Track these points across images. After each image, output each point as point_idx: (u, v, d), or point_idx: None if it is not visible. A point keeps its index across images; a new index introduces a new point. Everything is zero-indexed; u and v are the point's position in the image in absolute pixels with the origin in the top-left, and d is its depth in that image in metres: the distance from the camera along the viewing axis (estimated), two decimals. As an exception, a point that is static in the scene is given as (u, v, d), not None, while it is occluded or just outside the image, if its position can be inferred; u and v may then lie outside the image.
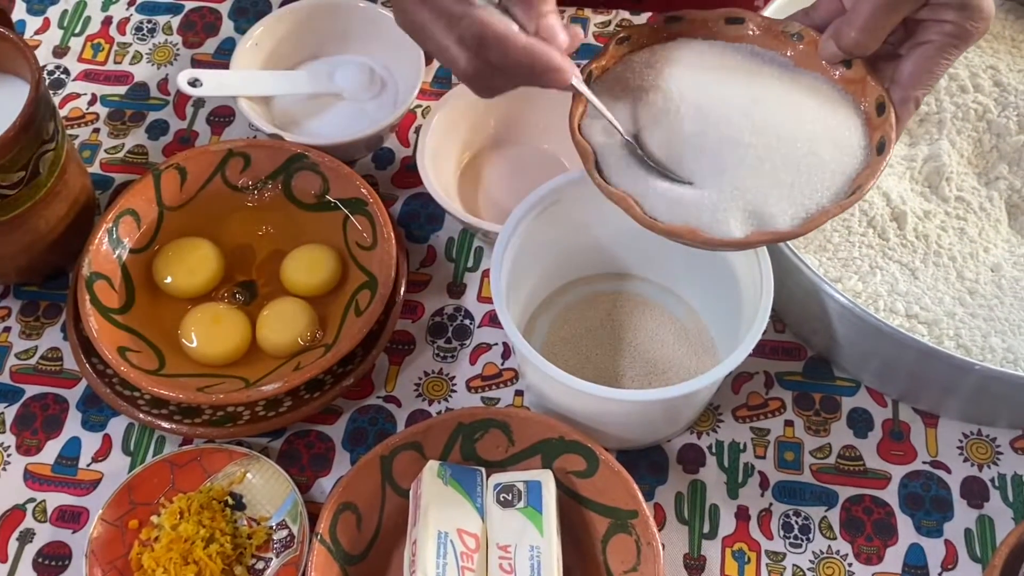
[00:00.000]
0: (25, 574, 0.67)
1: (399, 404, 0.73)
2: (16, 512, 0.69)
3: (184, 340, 0.72)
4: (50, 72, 0.89)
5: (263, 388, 0.67)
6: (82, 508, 0.69)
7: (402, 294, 0.73)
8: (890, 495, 0.68)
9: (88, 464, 0.71)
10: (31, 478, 0.70)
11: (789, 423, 0.71)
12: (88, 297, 0.70)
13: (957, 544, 0.66)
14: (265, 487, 0.68)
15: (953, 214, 0.72)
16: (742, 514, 0.68)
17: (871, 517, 0.67)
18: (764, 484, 0.69)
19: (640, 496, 0.63)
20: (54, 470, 0.70)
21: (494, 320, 0.76)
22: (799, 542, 0.67)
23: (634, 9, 0.91)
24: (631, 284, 0.75)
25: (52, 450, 0.71)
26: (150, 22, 0.93)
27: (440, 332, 0.75)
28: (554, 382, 0.61)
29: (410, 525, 0.63)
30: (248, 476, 0.68)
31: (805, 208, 0.58)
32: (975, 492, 0.68)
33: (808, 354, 0.74)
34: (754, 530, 0.67)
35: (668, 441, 0.71)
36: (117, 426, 0.72)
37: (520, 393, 0.73)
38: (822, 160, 0.58)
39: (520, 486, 0.63)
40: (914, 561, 0.66)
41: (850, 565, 0.66)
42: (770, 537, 0.67)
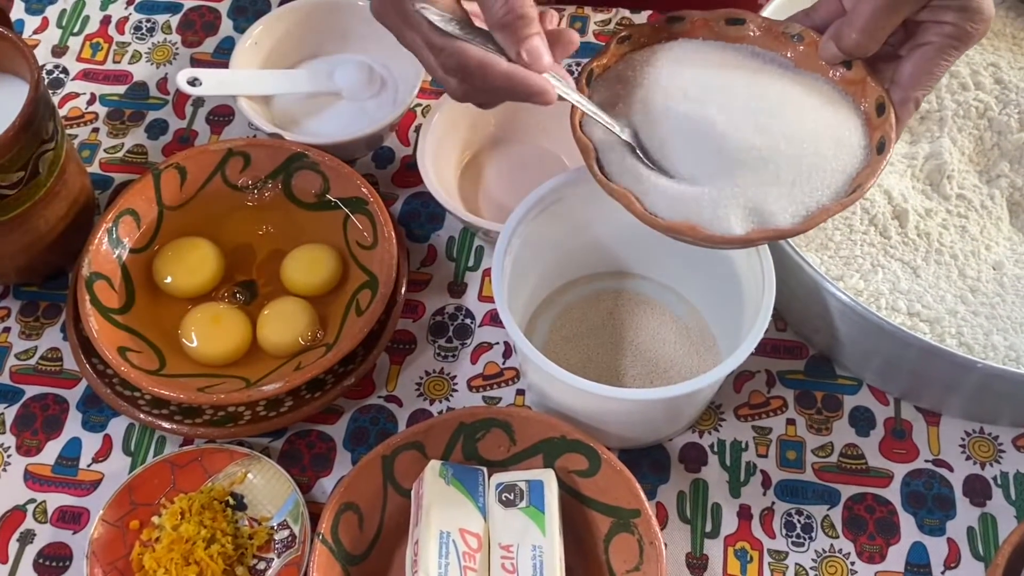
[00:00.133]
0: (26, 575, 0.66)
1: (400, 404, 0.72)
2: (16, 513, 0.69)
3: (184, 340, 0.72)
4: (49, 72, 0.89)
5: (264, 388, 0.67)
6: (83, 509, 0.69)
7: (403, 293, 0.73)
8: (892, 494, 0.68)
9: (88, 464, 0.70)
10: (31, 479, 0.70)
11: (791, 422, 0.71)
12: (88, 297, 0.70)
13: (960, 542, 0.66)
14: (266, 487, 0.68)
15: (955, 212, 0.72)
16: (744, 513, 0.68)
17: (873, 516, 0.67)
18: (766, 483, 0.69)
19: (642, 495, 0.62)
20: (54, 471, 0.70)
21: (495, 319, 0.75)
22: (801, 541, 0.67)
23: (634, 7, 0.91)
24: (632, 283, 0.75)
25: (52, 451, 0.71)
26: (149, 21, 0.92)
27: (441, 331, 0.75)
28: (556, 381, 0.61)
29: (412, 525, 0.62)
30: (249, 476, 0.68)
31: (806, 206, 0.58)
32: (977, 490, 0.68)
33: (810, 353, 0.74)
34: (756, 529, 0.67)
35: (670, 440, 0.70)
36: (117, 426, 0.72)
37: (521, 392, 0.73)
38: (823, 159, 0.59)
39: (522, 486, 0.63)
40: (917, 560, 0.66)
41: (852, 564, 0.66)
42: (772, 536, 0.67)
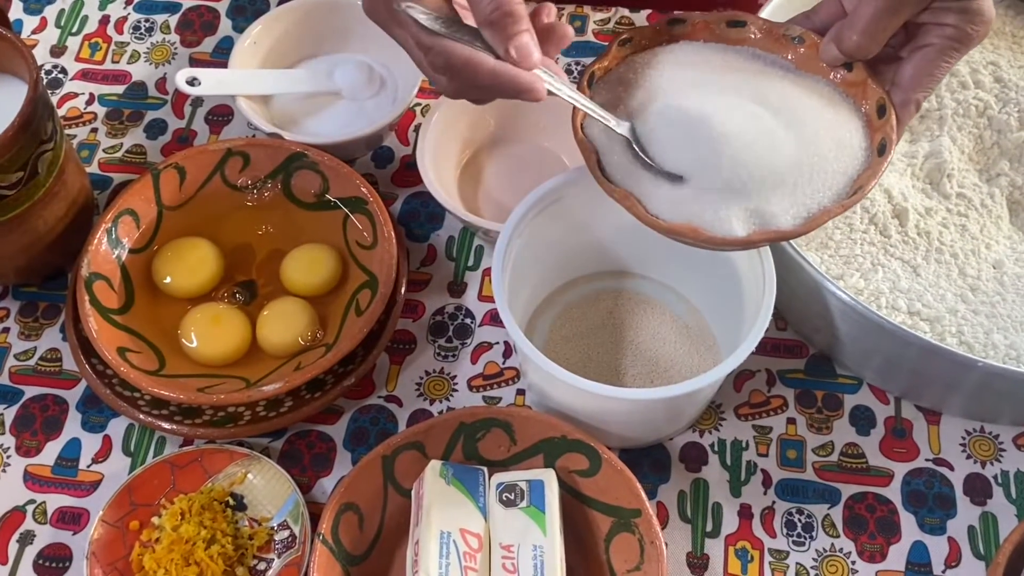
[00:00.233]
0: (26, 576, 0.67)
1: (400, 404, 0.72)
2: (16, 514, 0.69)
3: (184, 340, 0.72)
4: (48, 71, 0.89)
5: (264, 388, 0.67)
6: (82, 509, 0.69)
7: (403, 293, 0.73)
8: (893, 493, 0.68)
9: (88, 465, 0.70)
10: (31, 479, 0.70)
11: (791, 421, 0.71)
12: (87, 297, 0.70)
13: (960, 541, 0.66)
14: (266, 488, 0.68)
15: (954, 211, 0.72)
16: (745, 512, 0.68)
17: (874, 515, 0.67)
18: (767, 482, 0.69)
19: (643, 495, 0.62)
20: (54, 471, 0.70)
21: (495, 319, 0.75)
22: (802, 540, 0.67)
23: (633, 7, 0.91)
24: (633, 282, 0.75)
25: (52, 451, 0.71)
26: (148, 21, 0.92)
27: (441, 331, 0.75)
28: (556, 381, 0.61)
29: (412, 525, 0.62)
30: (249, 477, 0.68)
31: (807, 208, 0.58)
32: (978, 489, 0.68)
33: (810, 352, 0.74)
34: (757, 528, 0.67)
35: (670, 439, 0.70)
36: (117, 427, 0.72)
37: (522, 392, 0.73)
38: (824, 160, 0.59)
39: (523, 485, 0.62)
40: (917, 559, 0.66)
41: (853, 563, 0.66)
42: (773, 535, 0.67)
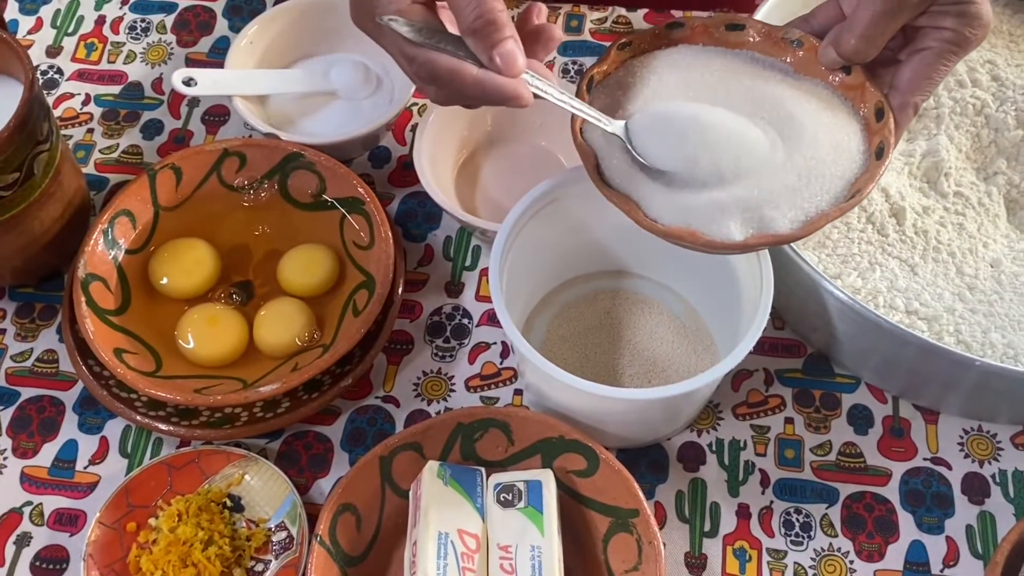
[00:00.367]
0: (22, 578, 0.66)
1: (398, 404, 0.72)
2: (13, 515, 0.68)
3: (181, 341, 0.72)
4: (43, 72, 0.89)
5: (261, 389, 0.67)
6: (79, 511, 0.68)
7: (400, 293, 0.73)
8: (891, 492, 0.68)
9: (85, 467, 0.70)
10: (28, 481, 0.70)
11: (789, 420, 0.71)
12: (84, 299, 0.70)
13: (959, 541, 0.66)
14: (264, 489, 0.67)
15: (952, 209, 0.72)
16: (743, 512, 0.68)
17: (872, 514, 0.67)
18: (765, 482, 0.69)
19: (641, 495, 0.62)
20: (51, 473, 0.70)
21: (493, 319, 0.75)
22: (800, 540, 0.67)
23: (631, 6, 0.91)
24: (630, 282, 0.75)
25: (49, 453, 0.71)
26: (144, 21, 0.92)
27: (438, 331, 0.75)
28: (553, 381, 0.61)
29: (410, 526, 0.62)
30: (246, 478, 0.68)
31: (804, 211, 0.58)
32: (976, 488, 0.68)
33: (808, 351, 0.74)
34: (755, 528, 0.67)
35: (668, 439, 0.70)
36: (114, 428, 0.72)
37: (519, 392, 0.73)
38: (822, 164, 0.59)
39: (520, 486, 0.62)
40: (915, 558, 0.66)
41: (851, 562, 0.66)
42: (771, 535, 0.67)
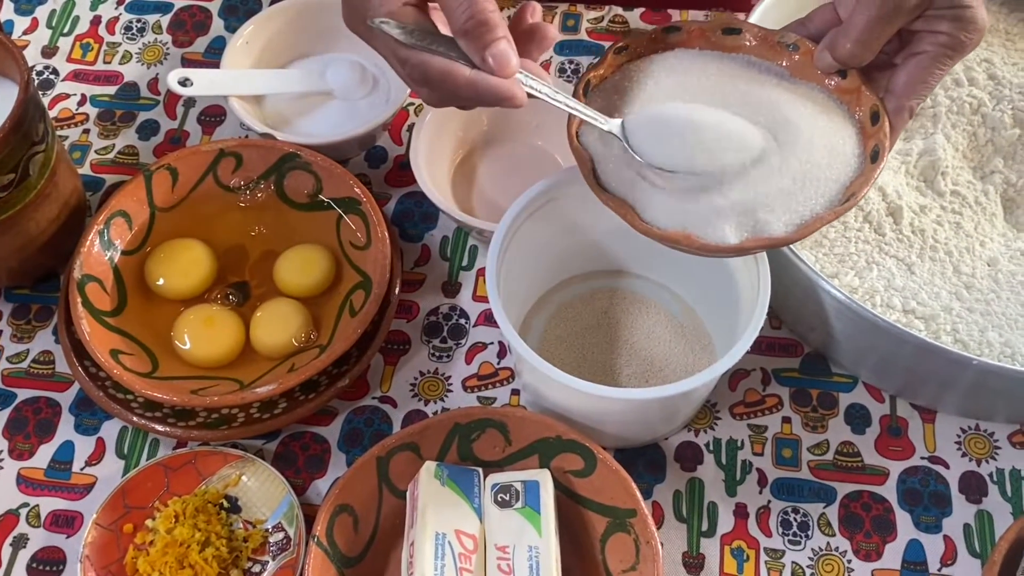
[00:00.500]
0: (19, 580, 0.66)
1: (395, 405, 0.72)
2: (9, 517, 0.68)
3: (177, 342, 0.72)
4: (39, 72, 0.89)
5: (257, 390, 0.66)
6: (76, 512, 0.68)
7: (396, 294, 0.73)
8: (888, 491, 0.68)
9: (82, 468, 0.70)
10: (24, 483, 0.70)
11: (787, 420, 0.71)
12: (80, 300, 0.69)
13: (956, 539, 0.66)
14: (261, 490, 0.67)
15: (949, 208, 0.72)
16: (740, 512, 0.68)
17: (870, 513, 0.67)
18: (762, 481, 0.69)
19: (638, 495, 0.62)
20: (47, 474, 0.70)
21: (490, 319, 0.75)
22: (798, 539, 0.67)
23: (627, 5, 0.91)
24: (627, 281, 0.75)
25: (45, 454, 0.71)
26: (139, 21, 0.92)
27: (435, 332, 0.75)
28: (551, 381, 0.61)
29: (407, 526, 0.62)
30: (243, 479, 0.68)
31: (800, 215, 0.58)
32: (973, 487, 0.68)
33: (805, 350, 0.74)
34: (753, 528, 0.67)
35: (666, 439, 0.70)
36: (110, 429, 0.71)
37: (516, 392, 0.72)
38: (817, 168, 0.59)
39: (518, 486, 0.62)
40: (913, 557, 0.66)
41: (849, 562, 0.66)
42: (769, 534, 0.67)
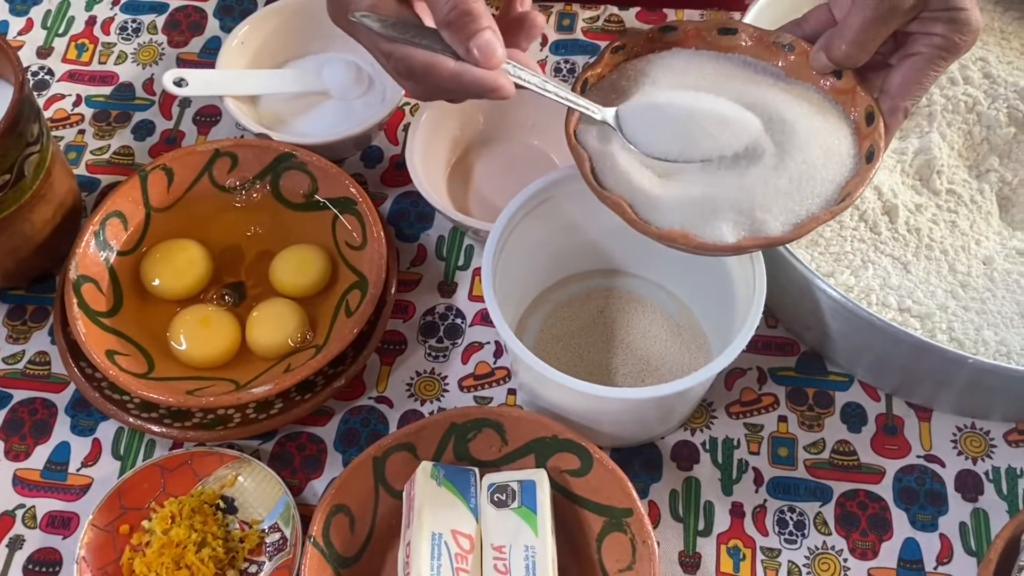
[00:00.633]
0: (15, 581, 0.66)
1: (391, 405, 0.72)
2: (5, 518, 0.68)
3: (173, 343, 0.71)
4: (34, 73, 0.88)
5: (253, 390, 0.66)
6: (72, 513, 0.68)
7: (393, 293, 0.73)
8: (884, 490, 0.68)
9: (78, 469, 0.70)
10: (20, 484, 0.69)
11: (783, 419, 0.71)
12: (75, 300, 0.69)
13: (952, 538, 0.66)
14: (257, 490, 0.67)
15: (944, 207, 0.72)
16: (737, 511, 0.68)
17: (866, 512, 0.67)
18: (758, 480, 0.69)
19: (634, 494, 0.62)
20: (43, 475, 0.70)
21: (486, 319, 0.75)
22: (794, 538, 0.67)
23: (623, 5, 0.91)
24: (623, 281, 0.75)
25: (41, 455, 0.70)
26: (134, 22, 0.92)
27: (431, 331, 0.75)
28: (547, 380, 0.61)
29: (404, 527, 0.62)
30: (239, 479, 0.68)
31: (796, 214, 0.58)
32: (969, 485, 0.68)
33: (801, 349, 0.74)
34: (749, 527, 0.67)
35: (662, 438, 0.70)
36: (106, 430, 0.71)
37: (513, 392, 0.72)
38: (813, 168, 0.59)
39: (514, 486, 0.62)
40: (909, 555, 0.66)
41: (845, 560, 0.66)
42: (765, 533, 0.67)
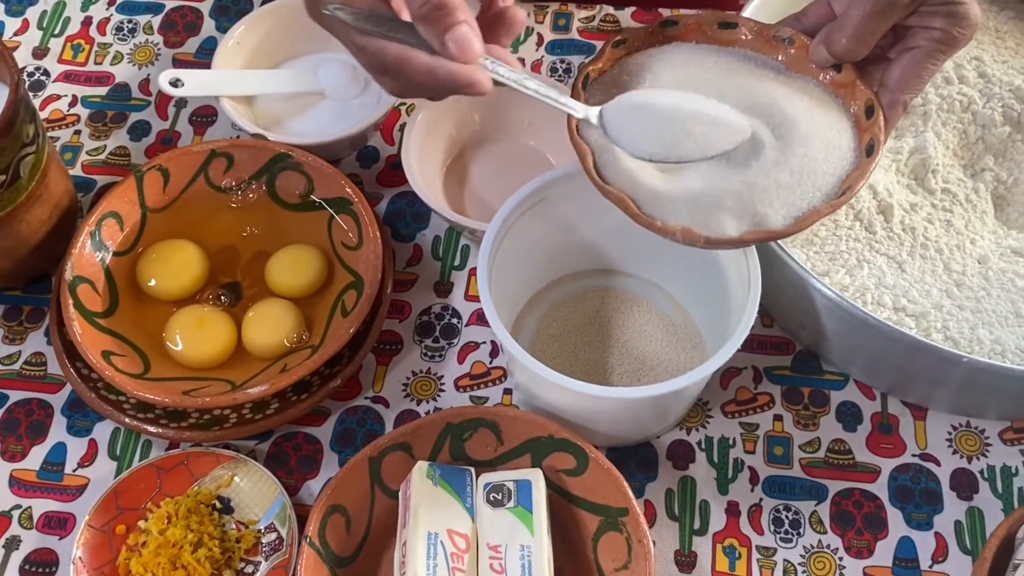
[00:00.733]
0: (12, 582, 0.66)
1: (387, 405, 0.72)
2: (2, 519, 0.68)
3: (169, 343, 0.72)
4: (30, 74, 0.88)
5: (249, 391, 0.66)
6: (68, 514, 0.68)
7: (389, 294, 0.73)
8: (880, 488, 0.68)
9: (74, 469, 0.70)
10: (16, 484, 0.69)
11: (778, 418, 0.71)
12: (71, 301, 0.69)
13: (947, 536, 0.66)
14: (253, 490, 0.67)
15: (939, 206, 0.72)
16: (732, 510, 0.68)
17: (861, 511, 0.67)
18: (754, 479, 0.69)
19: (630, 493, 0.62)
20: (40, 476, 0.70)
21: (482, 318, 0.75)
22: (789, 537, 0.67)
23: (618, 4, 0.91)
24: (619, 280, 0.75)
25: (37, 456, 0.70)
26: (130, 22, 0.92)
27: (427, 331, 0.75)
28: (543, 380, 0.61)
29: (400, 526, 0.62)
30: (236, 479, 0.68)
31: (797, 208, 0.59)
32: (964, 484, 0.68)
33: (796, 348, 0.74)
34: (744, 525, 0.67)
35: (657, 438, 0.70)
36: (103, 431, 0.71)
37: (509, 392, 0.73)
38: (814, 162, 0.59)
39: (510, 485, 0.62)
40: (904, 554, 0.66)
41: (841, 559, 0.66)
42: (760, 532, 0.67)
